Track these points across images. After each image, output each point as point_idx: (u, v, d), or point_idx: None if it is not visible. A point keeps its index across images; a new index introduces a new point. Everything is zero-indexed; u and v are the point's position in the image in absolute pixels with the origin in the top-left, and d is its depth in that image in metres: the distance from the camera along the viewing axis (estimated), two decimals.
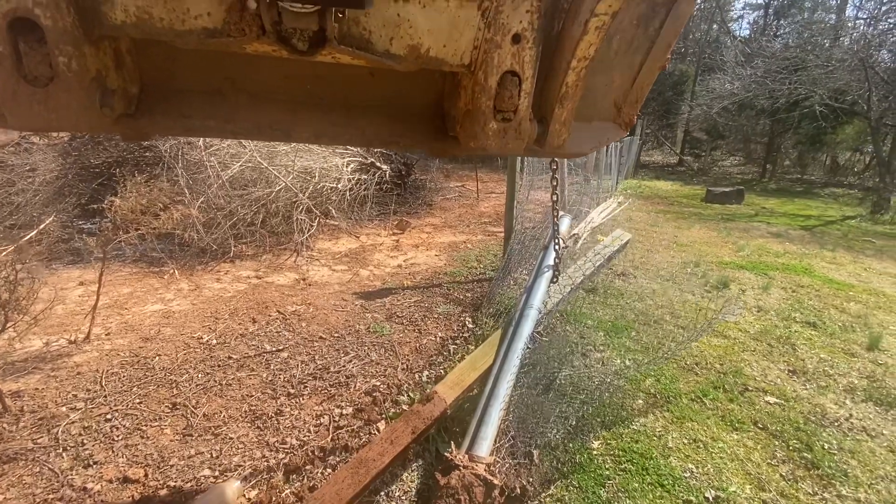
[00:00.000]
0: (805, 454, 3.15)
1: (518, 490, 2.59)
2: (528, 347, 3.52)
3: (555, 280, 3.34)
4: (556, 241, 2.90)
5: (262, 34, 1.06)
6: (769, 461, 3.07)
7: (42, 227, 4.68)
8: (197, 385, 3.50)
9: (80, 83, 1.07)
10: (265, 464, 2.74)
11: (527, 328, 3.71)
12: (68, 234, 6.45)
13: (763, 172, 19.53)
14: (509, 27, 1.22)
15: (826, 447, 3.24)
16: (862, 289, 6.66)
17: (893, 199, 13.36)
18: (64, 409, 3.21)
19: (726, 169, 21.78)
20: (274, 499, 2.46)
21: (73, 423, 3.07)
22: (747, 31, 29.79)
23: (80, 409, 3.20)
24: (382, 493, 2.58)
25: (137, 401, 3.30)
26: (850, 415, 3.63)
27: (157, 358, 3.88)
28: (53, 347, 3.96)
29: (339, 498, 2.30)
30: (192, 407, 3.24)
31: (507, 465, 2.76)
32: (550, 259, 3.79)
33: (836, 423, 3.51)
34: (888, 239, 10.17)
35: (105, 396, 3.34)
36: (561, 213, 3.90)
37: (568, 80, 1.34)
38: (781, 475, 2.97)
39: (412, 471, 2.76)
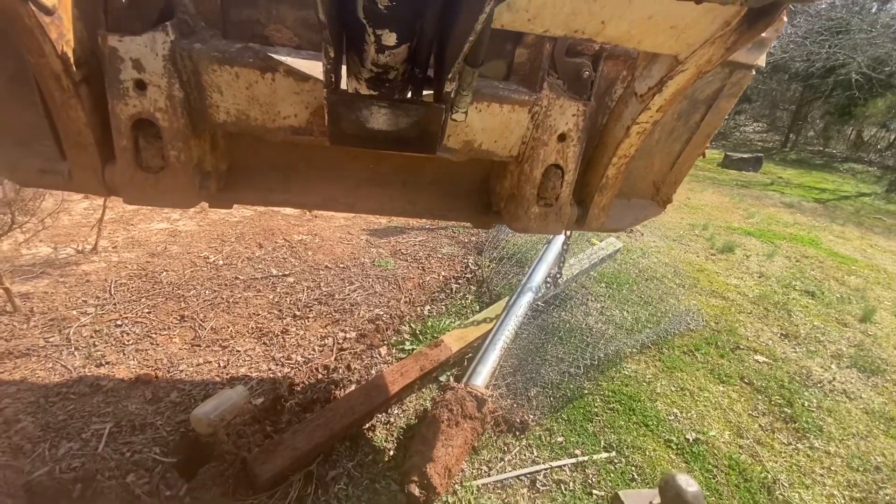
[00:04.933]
0: (785, 409, 3.28)
1: (519, 422, 2.72)
2: (526, 314, 3.61)
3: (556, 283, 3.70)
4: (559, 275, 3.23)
5: None
6: (750, 412, 3.21)
7: None
8: (204, 301, 3.58)
9: (185, 171, 1.27)
10: (271, 376, 2.86)
11: (526, 298, 3.74)
12: None
13: (785, 141, 18.89)
14: (556, 128, 1.37)
15: (806, 405, 3.37)
16: (864, 264, 6.66)
17: None
18: (74, 312, 3.30)
19: (748, 135, 21.09)
20: (279, 407, 2.59)
21: (83, 325, 3.17)
22: None
23: (91, 313, 3.29)
24: (382, 414, 2.72)
25: (146, 311, 3.38)
26: (834, 378, 3.75)
27: (165, 273, 3.94)
28: (61, 255, 4.01)
29: (352, 412, 2.44)
30: (200, 320, 3.34)
31: (507, 403, 2.87)
32: (536, 279, 4.04)
33: (818, 385, 3.63)
34: None
35: (114, 304, 3.42)
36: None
37: (609, 174, 1.48)
38: (760, 425, 3.11)
39: (414, 399, 2.89)
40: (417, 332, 3.51)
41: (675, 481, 0.97)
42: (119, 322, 3.22)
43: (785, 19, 1.14)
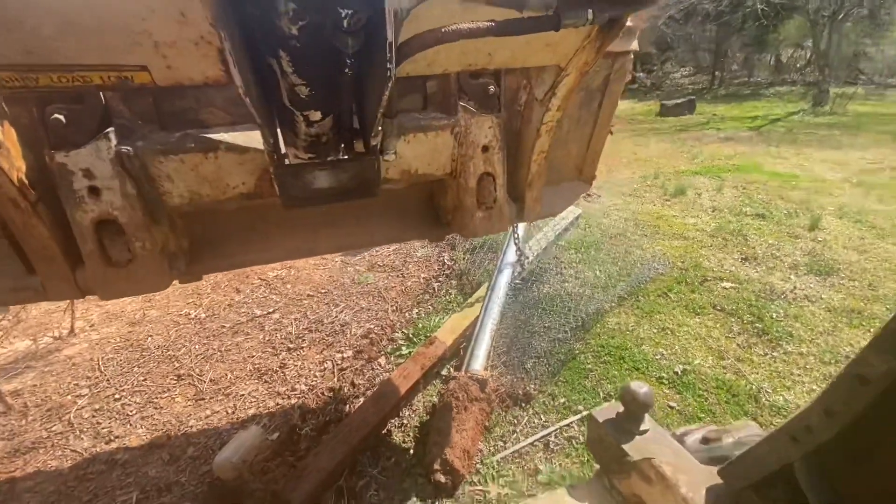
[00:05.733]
0: (757, 325, 3.58)
1: (522, 394, 2.89)
2: (508, 294, 3.80)
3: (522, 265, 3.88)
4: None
5: None
6: (727, 335, 3.49)
7: None
8: (197, 355, 3.61)
9: (153, 257, 1.33)
10: (281, 410, 2.94)
11: (504, 278, 3.94)
12: None
13: (713, 80, 19.84)
14: (478, 142, 1.56)
15: (774, 316, 3.68)
16: (804, 178, 7.17)
17: (832, 90, 13.96)
18: (69, 397, 3.28)
19: (678, 81, 22.00)
20: (295, 437, 2.68)
21: (82, 408, 3.16)
22: None
23: (86, 395, 3.28)
24: (394, 419, 2.84)
25: (141, 378, 3.39)
26: (795, 287, 4.09)
27: (150, 338, 3.94)
28: (41, 345, 3.94)
29: (366, 423, 2.56)
30: (198, 375, 3.37)
31: (508, 379, 3.04)
32: (509, 258, 4.22)
33: (782, 296, 3.96)
34: (828, 129, 10.77)
35: (108, 380, 3.41)
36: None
37: (532, 170, 1.68)
38: (738, 345, 3.39)
39: (421, 397, 3.02)
40: (410, 335, 3.64)
41: (630, 388, 1.16)
42: (117, 396, 3.22)
43: (644, 14, 1.35)
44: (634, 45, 1.62)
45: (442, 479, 2.25)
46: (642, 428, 1.29)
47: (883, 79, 17.10)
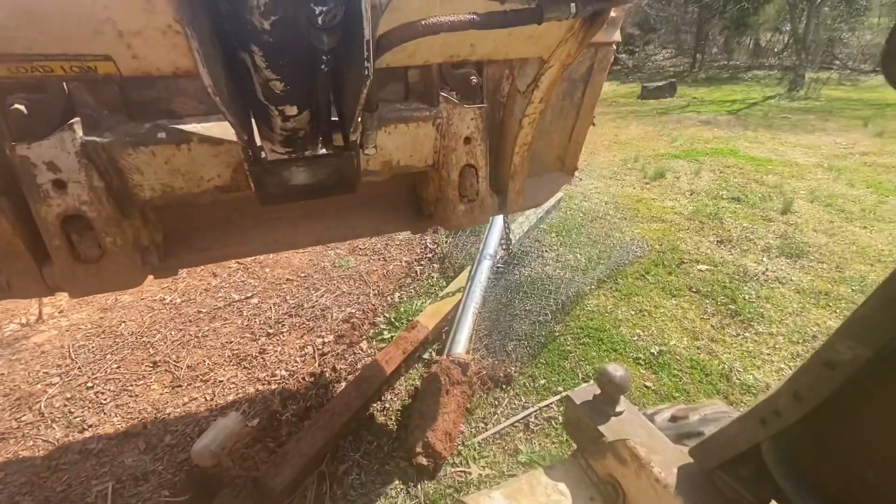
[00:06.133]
0: (730, 306, 3.68)
1: (503, 376, 2.92)
2: (489, 278, 3.82)
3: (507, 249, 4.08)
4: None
5: None
6: (702, 317, 3.59)
7: None
8: (173, 342, 3.53)
9: (124, 253, 1.28)
10: (261, 396, 2.91)
11: (486, 265, 3.93)
12: None
13: (693, 63, 19.96)
14: (460, 133, 1.52)
15: (747, 298, 3.79)
16: (779, 162, 7.33)
17: (808, 75, 14.20)
18: (39, 386, 3.17)
19: (659, 63, 22.06)
20: (275, 423, 2.66)
21: (53, 397, 3.07)
22: None
23: (57, 383, 3.18)
24: (376, 403, 2.85)
25: (115, 366, 3.31)
26: (767, 269, 4.22)
27: (123, 324, 3.83)
28: (6, 333, 3.79)
29: (348, 408, 2.56)
30: (174, 361, 3.30)
31: (489, 362, 3.07)
32: (491, 247, 4.22)
33: (755, 278, 4.07)
34: (802, 113, 10.99)
35: (79, 368, 3.32)
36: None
37: (515, 162, 1.66)
38: (711, 326, 3.49)
39: (404, 381, 3.03)
40: (392, 319, 3.62)
41: (606, 370, 1.18)
42: (90, 384, 3.14)
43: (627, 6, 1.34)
44: (617, 36, 1.60)
45: (424, 461, 2.28)
46: (618, 409, 1.32)
47: (856, 64, 17.46)
